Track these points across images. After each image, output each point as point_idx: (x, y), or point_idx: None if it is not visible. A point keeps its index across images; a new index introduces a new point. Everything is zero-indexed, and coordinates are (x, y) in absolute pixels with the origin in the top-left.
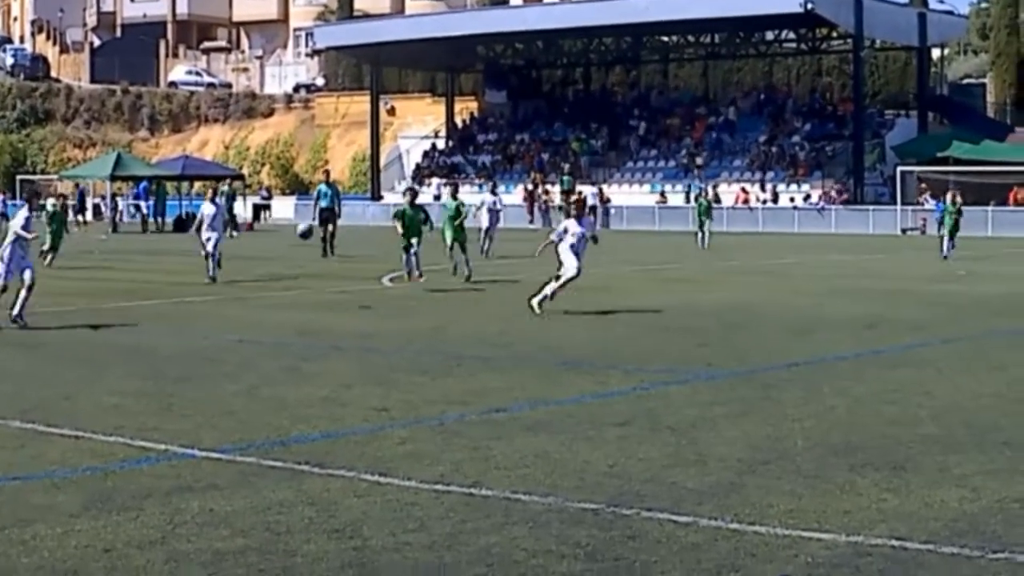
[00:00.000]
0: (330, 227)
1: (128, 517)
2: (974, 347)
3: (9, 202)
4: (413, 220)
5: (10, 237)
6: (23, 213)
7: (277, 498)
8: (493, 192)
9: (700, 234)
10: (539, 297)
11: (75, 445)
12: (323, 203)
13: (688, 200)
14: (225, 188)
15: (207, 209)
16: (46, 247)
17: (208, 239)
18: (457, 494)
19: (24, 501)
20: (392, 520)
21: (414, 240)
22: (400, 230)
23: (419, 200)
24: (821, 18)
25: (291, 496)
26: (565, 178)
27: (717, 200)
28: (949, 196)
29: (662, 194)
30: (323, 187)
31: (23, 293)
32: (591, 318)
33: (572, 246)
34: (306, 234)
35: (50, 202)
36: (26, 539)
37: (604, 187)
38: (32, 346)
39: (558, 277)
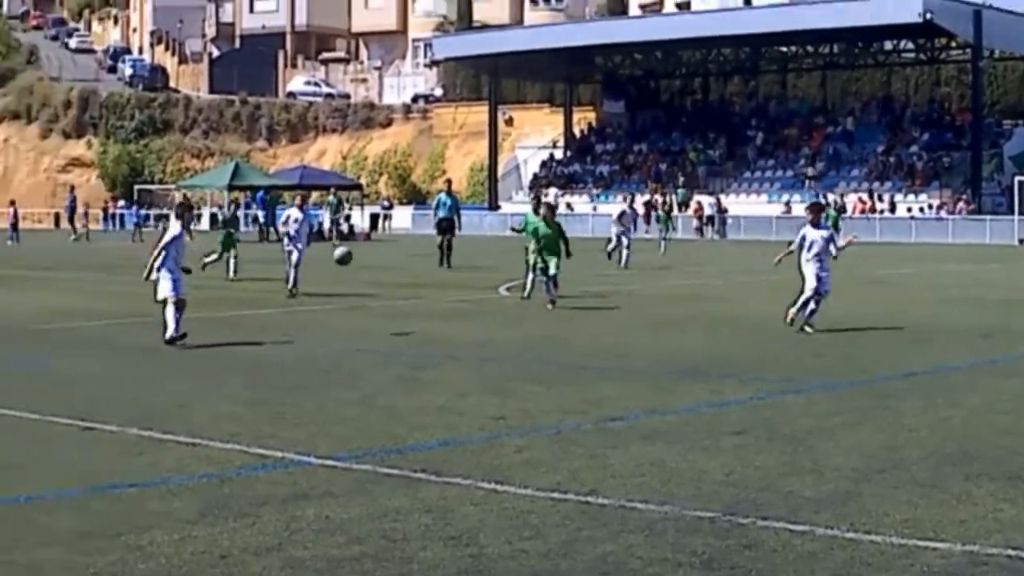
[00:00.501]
0: (449, 237)
1: (244, 524)
2: None
3: (134, 211)
4: (549, 238)
5: (161, 253)
6: (174, 230)
7: (393, 505)
8: (631, 204)
9: None
10: (795, 319)
11: (191, 452)
12: (442, 213)
13: (788, 210)
14: (331, 198)
15: (294, 214)
16: (212, 258)
17: (290, 251)
18: (573, 502)
19: (141, 507)
20: (508, 528)
21: (552, 262)
22: (532, 247)
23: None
24: (940, 28)
25: (407, 503)
26: (680, 190)
27: (844, 210)
28: None
29: (787, 204)
30: (443, 196)
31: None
32: (705, 327)
33: (816, 256)
34: (343, 260)
35: (214, 211)
36: (143, 545)
37: (722, 197)
38: (147, 353)
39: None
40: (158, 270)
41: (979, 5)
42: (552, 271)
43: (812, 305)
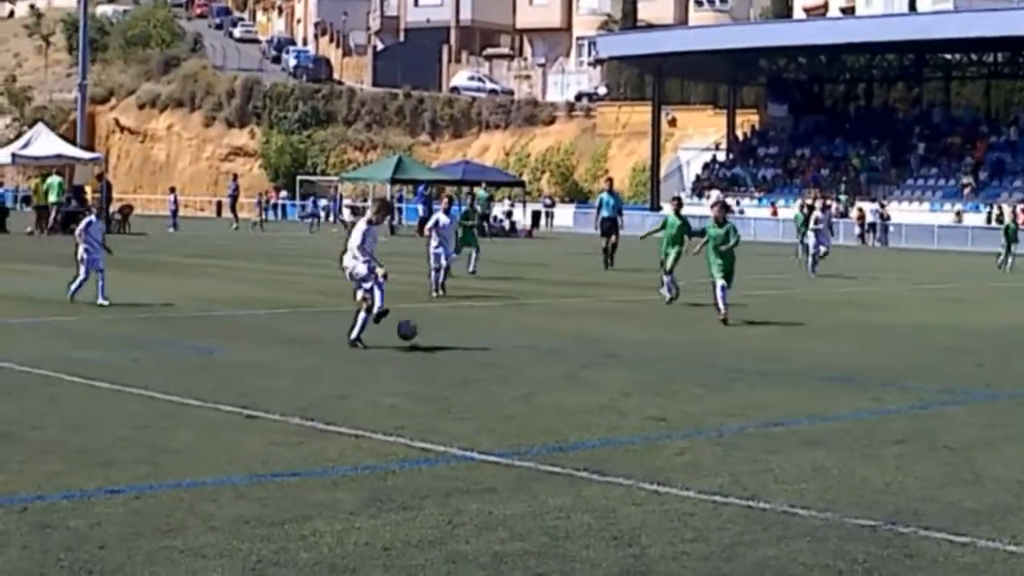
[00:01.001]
0: (612, 238)
1: (407, 517)
2: None
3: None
4: (675, 227)
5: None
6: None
7: (555, 503)
8: (824, 208)
9: (1005, 257)
10: None
11: (354, 444)
12: (605, 212)
13: (990, 220)
14: (481, 192)
15: (441, 219)
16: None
17: (437, 254)
18: (736, 506)
19: (303, 497)
20: (670, 529)
21: (671, 252)
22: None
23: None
24: None
25: (569, 502)
26: (841, 197)
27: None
28: None
29: (958, 214)
30: (605, 196)
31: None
32: (864, 334)
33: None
34: (408, 334)
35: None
36: (305, 534)
37: (884, 203)
38: (308, 344)
39: None
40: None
41: None
42: (668, 265)
43: None
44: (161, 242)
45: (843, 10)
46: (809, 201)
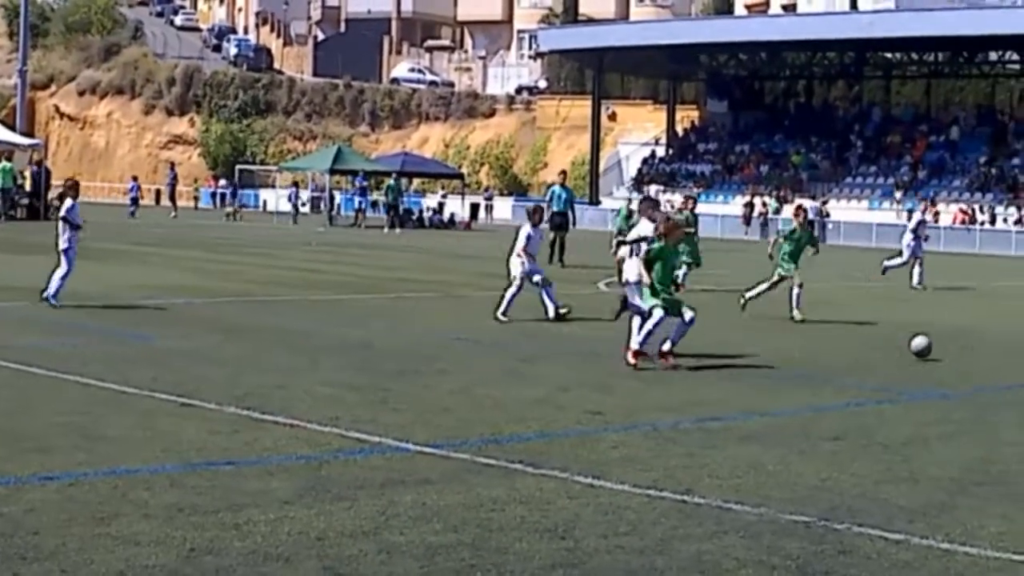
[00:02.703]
0: (562, 234)
1: (341, 507)
2: None
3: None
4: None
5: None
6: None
7: (490, 495)
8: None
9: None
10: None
11: (290, 433)
12: (556, 206)
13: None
14: (391, 181)
15: (524, 232)
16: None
17: (527, 272)
18: (670, 500)
19: (238, 486)
20: (604, 522)
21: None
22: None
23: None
24: None
25: (504, 494)
26: (768, 200)
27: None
28: None
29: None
30: (557, 189)
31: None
32: (806, 331)
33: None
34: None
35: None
36: (239, 523)
37: (825, 200)
38: (247, 333)
39: None
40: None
41: None
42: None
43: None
44: (100, 229)
45: (784, 7)
46: (748, 198)
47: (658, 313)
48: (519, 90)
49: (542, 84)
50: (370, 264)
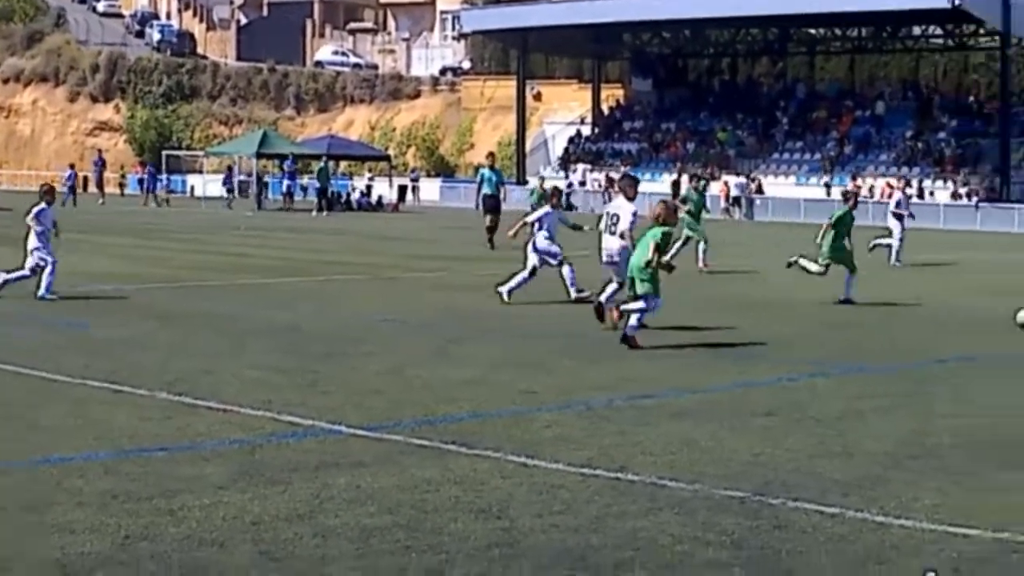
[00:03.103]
0: (496, 217)
1: (276, 491)
2: None
3: (157, 176)
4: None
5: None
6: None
7: (424, 476)
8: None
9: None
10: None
11: (222, 418)
12: (487, 189)
13: (829, 193)
14: (322, 164)
15: (540, 212)
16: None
17: (544, 253)
18: (604, 478)
19: (171, 472)
20: (539, 502)
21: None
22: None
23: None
24: (968, 15)
25: (438, 475)
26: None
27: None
28: None
29: (828, 187)
30: (486, 171)
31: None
32: (738, 307)
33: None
34: None
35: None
36: (173, 509)
37: (753, 177)
38: (176, 319)
39: None
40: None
41: None
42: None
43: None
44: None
45: None
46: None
47: (658, 301)
48: (443, 71)
49: (466, 65)
50: (298, 247)
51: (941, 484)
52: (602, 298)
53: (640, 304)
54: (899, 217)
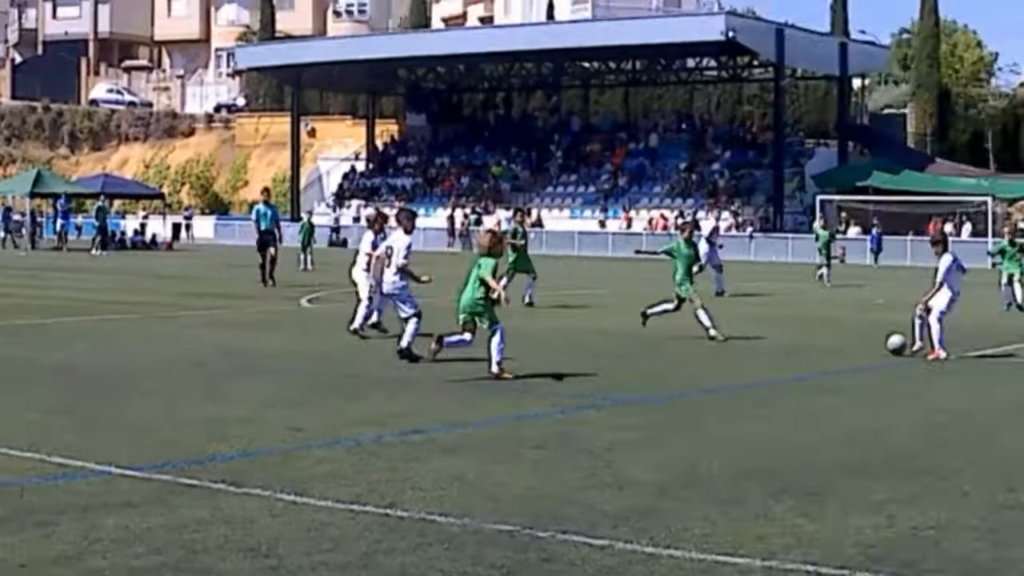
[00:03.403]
0: (271, 252)
1: (43, 533)
2: (891, 374)
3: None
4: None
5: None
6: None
7: (193, 516)
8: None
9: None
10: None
11: None
12: (264, 224)
13: (603, 226)
14: (100, 203)
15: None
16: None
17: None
18: (373, 514)
19: None
20: (308, 540)
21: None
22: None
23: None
24: (742, 47)
25: (207, 515)
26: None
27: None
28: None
29: (602, 222)
30: (262, 207)
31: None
32: (507, 342)
33: None
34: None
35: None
36: None
37: (535, 211)
38: None
39: None
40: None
41: (781, 24)
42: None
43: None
44: None
45: (481, 19)
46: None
47: (500, 326)
48: (218, 108)
49: (241, 102)
50: (74, 287)
51: (709, 513)
52: (402, 344)
53: (497, 338)
54: (712, 246)
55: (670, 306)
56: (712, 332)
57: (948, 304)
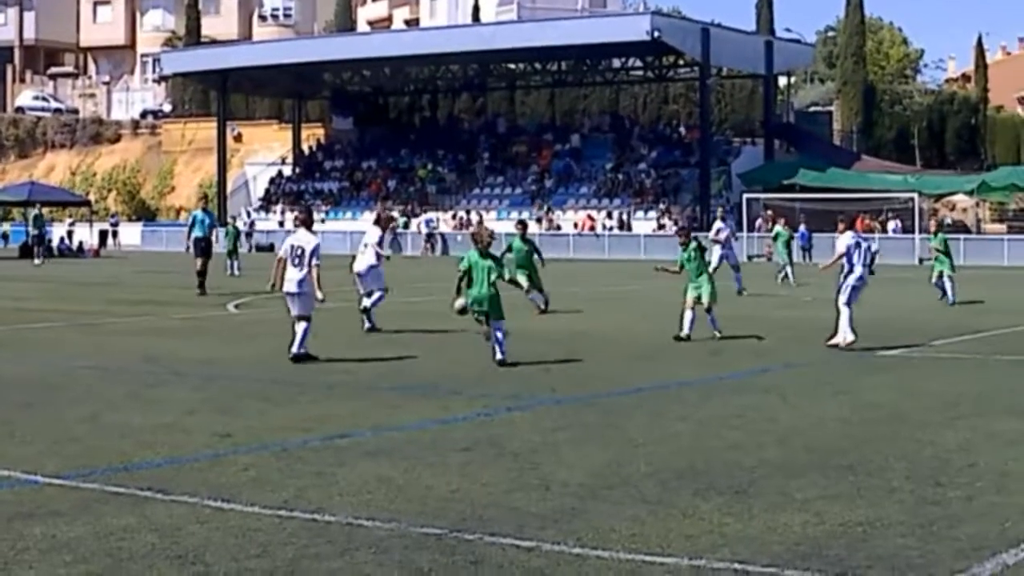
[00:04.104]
0: (207, 260)
1: None
2: (817, 372)
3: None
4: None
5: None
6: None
7: (120, 524)
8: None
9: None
10: None
11: None
12: (198, 232)
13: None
14: (36, 211)
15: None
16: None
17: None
18: (300, 520)
19: None
20: (235, 546)
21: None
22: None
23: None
24: (667, 46)
25: (134, 522)
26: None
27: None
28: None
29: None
30: (199, 214)
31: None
32: (432, 344)
33: None
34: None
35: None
36: None
37: (439, 214)
38: None
39: None
40: None
41: (707, 24)
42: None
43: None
44: None
45: (407, 22)
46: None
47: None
48: (144, 114)
49: (167, 108)
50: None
51: (637, 513)
52: (297, 349)
53: (500, 334)
54: (724, 246)
55: (691, 314)
56: (684, 333)
57: (853, 290)
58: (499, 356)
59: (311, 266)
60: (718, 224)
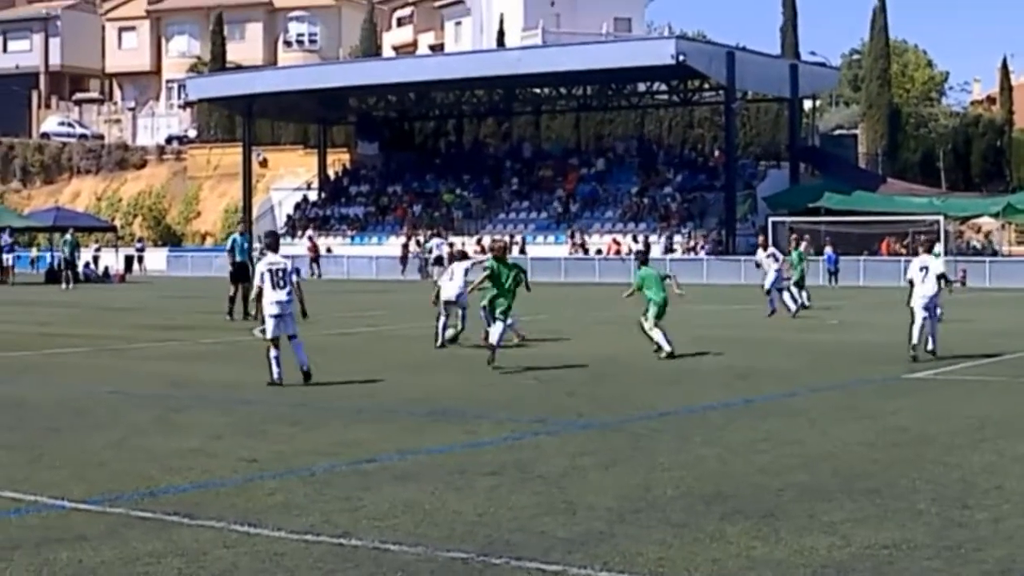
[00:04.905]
0: (246, 285)
1: None
2: (844, 396)
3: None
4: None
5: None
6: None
7: (146, 549)
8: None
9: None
10: None
11: None
12: (239, 257)
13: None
14: (68, 236)
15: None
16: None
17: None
18: (327, 544)
19: None
20: (261, 570)
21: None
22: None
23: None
24: (693, 70)
25: (160, 547)
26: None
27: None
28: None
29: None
30: (238, 238)
31: None
32: (460, 368)
33: None
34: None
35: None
36: None
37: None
38: None
39: None
40: None
41: (732, 47)
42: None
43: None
44: None
45: (432, 47)
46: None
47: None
48: (169, 140)
49: (192, 133)
50: (22, 321)
51: (664, 536)
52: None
53: (505, 324)
54: (776, 270)
55: (658, 332)
56: (667, 350)
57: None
58: (493, 340)
59: (294, 283)
60: (772, 249)
